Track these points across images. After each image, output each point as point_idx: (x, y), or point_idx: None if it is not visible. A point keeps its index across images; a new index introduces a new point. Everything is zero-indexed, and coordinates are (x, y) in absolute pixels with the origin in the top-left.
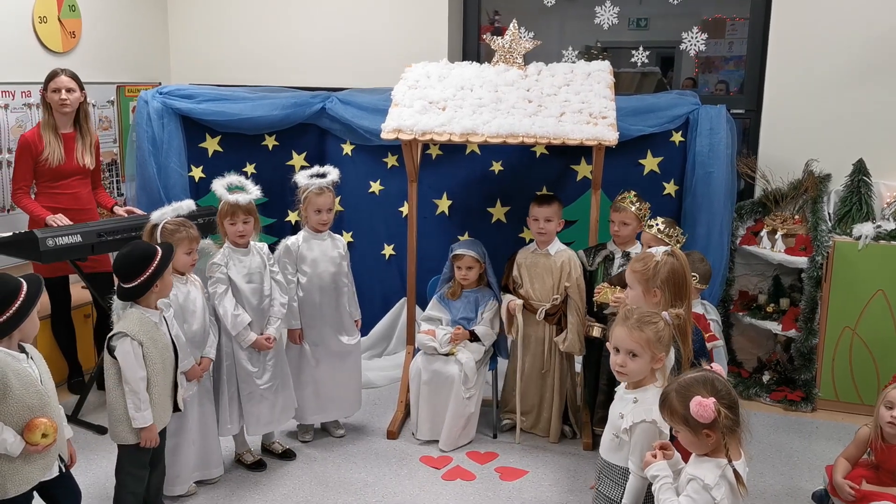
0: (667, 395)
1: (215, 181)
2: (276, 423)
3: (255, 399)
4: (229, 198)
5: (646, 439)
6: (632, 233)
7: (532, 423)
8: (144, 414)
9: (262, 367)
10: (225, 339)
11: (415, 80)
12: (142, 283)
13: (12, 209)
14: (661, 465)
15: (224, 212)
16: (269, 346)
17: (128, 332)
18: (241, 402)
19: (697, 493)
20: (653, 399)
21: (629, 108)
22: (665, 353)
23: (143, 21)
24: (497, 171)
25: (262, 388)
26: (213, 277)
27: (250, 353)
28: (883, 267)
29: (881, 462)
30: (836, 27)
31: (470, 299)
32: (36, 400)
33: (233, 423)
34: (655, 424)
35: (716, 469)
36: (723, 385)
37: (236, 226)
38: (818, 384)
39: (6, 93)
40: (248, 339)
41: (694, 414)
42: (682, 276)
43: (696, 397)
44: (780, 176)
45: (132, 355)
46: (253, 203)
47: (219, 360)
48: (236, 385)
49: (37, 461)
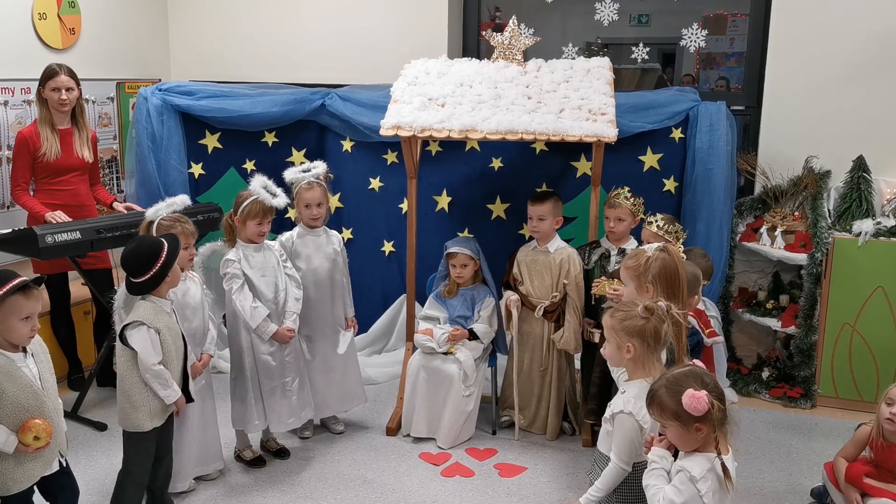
0: (655, 392)
1: (255, 181)
2: (298, 419)
3: (277, 395)
4: (273, 201)
5: (622, 429)
6: (626, 229)
7: (530, 421)
8: (173, 388)
9: (282, 363)
10: (244, 334)
11: (414, 77)
12: (152, 277)
13: (12, 206)
14: (663, 452)
15: (254, 212)
16: (290, 337)
17: (144, 321)
18: (263, 399)
19: (683, 484)
20: (635, 392)
21: (629, 104)
22: (635, 343)
23: (142, 18)
24: (497, 168)
25: (285, 384)
26: (229, 273)
27: (271, 348)
28: (883, 264)
29: (881, 461)
30: (836, 24)
31: (466, 297)
32: (32, 400)
33: (259, 419)
34: (633, 417)
35: (705, 462)
36: (710, 379)
37: (262, 226)
38: (817, 381)
39: (6, 89)
40: (269, 330)
41: (687, 407)
42: (674, 272)
43: (688, 390)
44: (779, 172)
45: (150, 342)
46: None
47: (240, 356)
48: (258, 381)
49: (37, 457)
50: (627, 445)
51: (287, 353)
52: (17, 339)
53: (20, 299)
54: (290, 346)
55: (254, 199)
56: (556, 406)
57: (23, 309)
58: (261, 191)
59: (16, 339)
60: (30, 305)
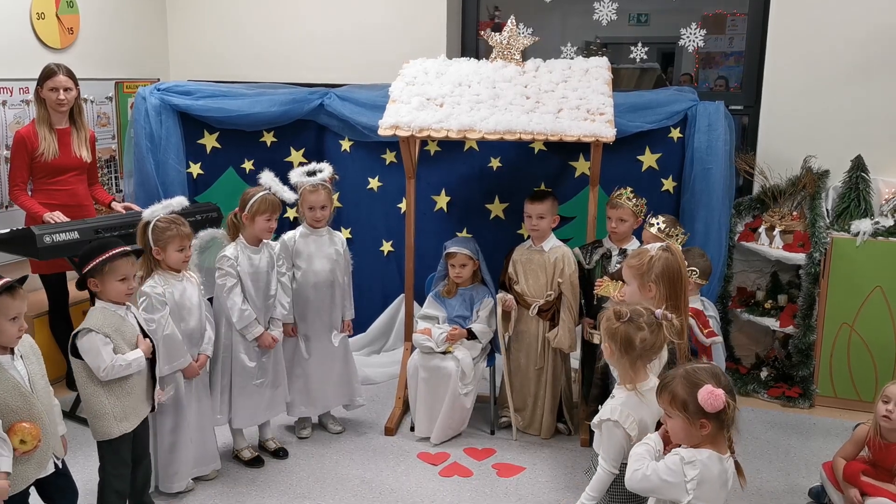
0: (671, 380)
1: (265, 176)
2: (262, 417)
3: (247, 393)
4: (285, 195)
5: (610, 437)
6: (628, 229)
7: (527, 423)
8: (133, 357)
9: (259, 363)
10: (226, 330)
11: (412, 77)
12: (89, 270)
13: (10, 206)
14: (656, 438)
15: (264, 208)
16: (272, 346)
17: (91, 328)
18: (231, 394)
19: (675, 465)
20: (622, 400)
21: (627, 104)
22: (611, 346)
23: (141, 17)
24: (495, 168)
25: (255, 384)
26: (223, 270)
27: (249, 348)
28: (881, 263)
29: (879, 460)
30: (834, 23)
31: (465, 297)
32: (20, 401)
33: (222, 413)
34: (620, 426)
35: (699, 454)
36: (727, 379)
37: (271, 222)
38: (816, 381)
39: (4, 89)
40: (255, 331)
41: (702, 402)
42: (676, 271)
43: (706, 386)
44: (778, 172)
45: (97, 347)
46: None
47: (217, 350)
48: (230, 377)
49: (30, 459)
50: (615, 451)
51: (266, 354)
52: (5, 340)
53: (7, 300)
54: (270, 350)
55: (263, 195)
56: (551, 405)
57: (10, 309)
58: (273, 184)
59: (4, 340)
60: (17, 305)
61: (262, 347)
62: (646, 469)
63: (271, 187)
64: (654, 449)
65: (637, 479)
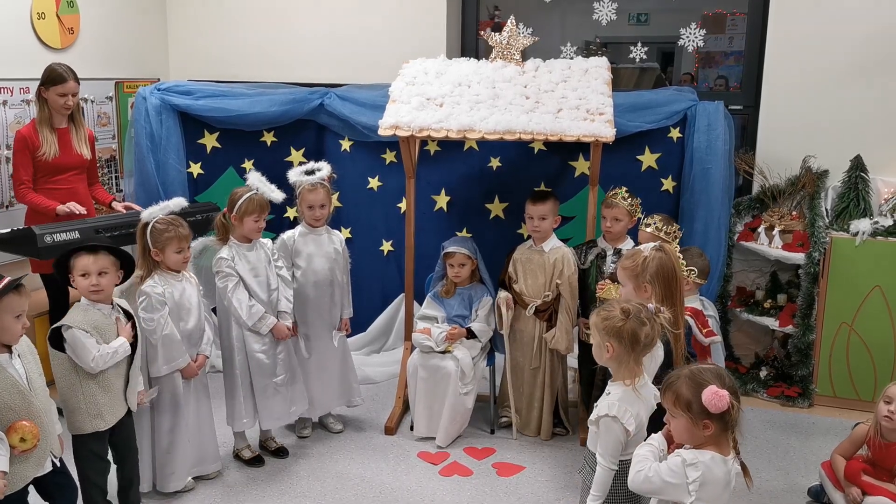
0: (675, 380)
1: (252, 176)
2: (289, 416)
3: (269, 393)
4: (272, 195)
5: (608, 433)
6: (623, 229)
7: (524, 423)
8: (118, 343)
9: (275, 360)
10: (236, 331)
11: (412, 77)
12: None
13: (10, 205)
14: (661, 439)
15: (252, 208)
16: (288, 335)
17: (72, 324)
18: (254, 396)
19: (677, 466)
20: (619, 395)
21: (627, 104)
22: (614, 343)
23: (141, 17)
24: (495, 168)
25: (276, 382)
26: (222, 272)
27: (263, 346)
28: (880, 263)
29: (878, 460)
30: (834, 23)
31: (464, 296)
32: (18, 400)
33: (248, 416)
34: (618, 421)
35: (702, 455)
36: (731, 381)
37: (259, 222)
38: (815, 380)
39: (5, 89)
40: (268, 322)
41: (707, 403)
42: (671, 271)
43: (711, 386)
44: (777, 172)
45: (81, 341)
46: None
47: (231, 354)
48: (250, 378)
49: (28, 458)
50: (613, 447)
51: (279, 350)
52: (9, 338)
53: (14, 297)
54: (282, 343)
55: (250, 196)
56: (548, 405)
57: (16, 307)
58: (260, 185)
59: (8, 337)
60: (22, 303)
61: (279, 338)
62: (648, 470)
63: (258, 188)
64: (658, 449)
65: (640, 480)
